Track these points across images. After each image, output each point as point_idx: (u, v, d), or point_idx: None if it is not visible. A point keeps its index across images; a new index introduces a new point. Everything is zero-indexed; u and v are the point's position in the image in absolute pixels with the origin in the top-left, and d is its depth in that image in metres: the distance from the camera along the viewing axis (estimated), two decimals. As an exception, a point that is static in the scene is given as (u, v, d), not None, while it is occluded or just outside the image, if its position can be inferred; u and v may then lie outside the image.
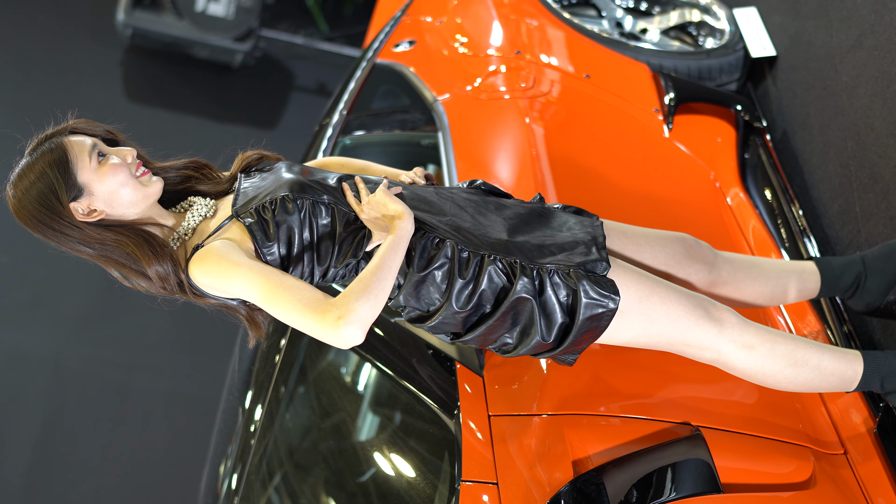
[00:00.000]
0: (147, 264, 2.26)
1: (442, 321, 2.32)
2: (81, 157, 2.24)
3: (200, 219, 2.34)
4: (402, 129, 4.01)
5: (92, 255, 2.30)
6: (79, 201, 2.24)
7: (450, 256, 2.28)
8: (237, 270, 2.17)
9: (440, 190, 2.48)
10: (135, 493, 4.73)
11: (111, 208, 2.27)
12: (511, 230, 2.39)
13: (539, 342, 2.31)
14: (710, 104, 3.78)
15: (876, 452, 2.61)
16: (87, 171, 2.24)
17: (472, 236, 2.33)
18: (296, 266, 2.27)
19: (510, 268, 2.30)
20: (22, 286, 5.37)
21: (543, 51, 3.93)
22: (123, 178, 2.25)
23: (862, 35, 3.35)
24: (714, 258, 2.70)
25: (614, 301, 2.30)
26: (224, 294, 2.26)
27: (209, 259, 2.20)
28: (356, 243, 2.29)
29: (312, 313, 2.09)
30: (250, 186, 2.35)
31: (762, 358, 2.44)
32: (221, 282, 2.19)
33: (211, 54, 6.43)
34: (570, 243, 2.39)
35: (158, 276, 2.27)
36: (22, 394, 4.98)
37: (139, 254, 2.25)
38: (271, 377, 3.28)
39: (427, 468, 2.79)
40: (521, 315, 2.31)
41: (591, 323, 2.31)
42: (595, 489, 2.36)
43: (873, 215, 3.14)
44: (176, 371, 5.14)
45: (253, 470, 3.24)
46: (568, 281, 2.30)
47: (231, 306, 2.36)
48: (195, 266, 2.23)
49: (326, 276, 2.32)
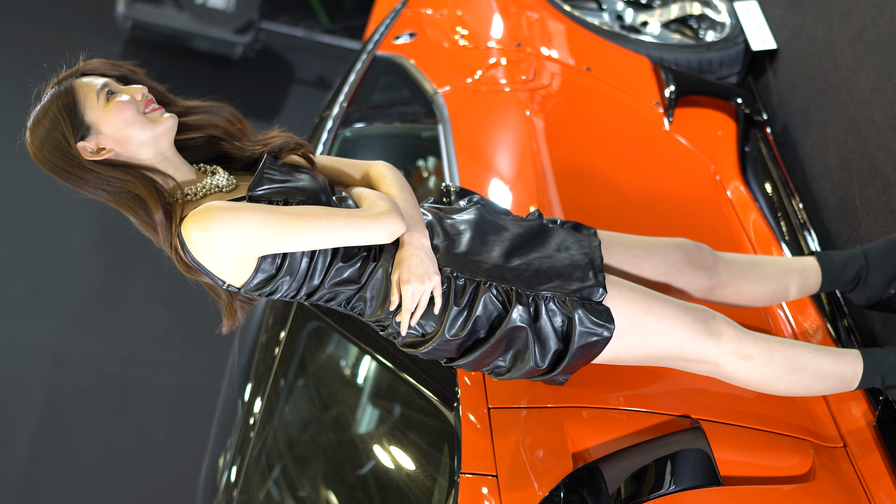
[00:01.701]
0: (154, 209, 2.19)
1: (435, 347, 2.31)
2: (89, 96, 2.21)
3: (216, 189, 2.27)
4: (402, 122, 4.00)
5: (106, 198, 2.25)
6: (87, 140, 2.19)
7: (445, 284, 2.28)
8: (250, 209, 2.11)
9: (440, 213, 2.46)
10: (134, 486, 4.73)
11: (121, 146, 2.21)
12: (508, 254, 2.38)
13: (532, 367, 2.32)
14: (711, 97, 3.77)
15: (875, 446, 2.61)
16: (94, 109, 2.20)
17: (468, 262, 2.32)
18: (287, 274, 2.20)
19: (506, 295, 2.29)
20: (21, 279, 5.36)
21: (544, 43, 3.93)
22: (130, 114, 2.20)
23: (863, 28, 3.34)
24: (714, 263, 2.69)
25: (608, 330, 2.30)
26: (228, 248, 2.12)
27: (213, 209, 2.11)
28: (360, 271, 2.27)
29: (357, 217, 2.16)
30: (273, 175, 2.27)
31: (761, 367, 2.44)
32: (229, 224, 2.09)
33: (211, 47, 6.42)
34: (568, 268, 2.38)
35: (161, 224, 2.20)
36: (21, 386, 4.98)
37: (147, 196, 2.20)
38: (271, 369, 3.27)
39: (426, 460, 2.79)
40: (515, 342, 2.31)
41: (584, 350, 2.32)
42: (594, 481, 2.36)
43: (874, 209, 3.13)
44: (175, 363, 5.13)
45: (252, 462, 3.24)
46: (563, 308, 2.30)
47: (213, 286, 2.28)
48: (193, 220, 2.12)
49: (313, 295, 2.27)
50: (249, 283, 2.20)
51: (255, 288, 2.22)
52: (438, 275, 2.24)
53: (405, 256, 2.23)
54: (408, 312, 2.22)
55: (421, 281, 2.20)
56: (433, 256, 2.26)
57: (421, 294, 2.21)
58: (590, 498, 2.34)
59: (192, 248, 2.15)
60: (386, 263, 2.26)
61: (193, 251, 2.15)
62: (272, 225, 2.12)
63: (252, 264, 2.17)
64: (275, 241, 2.13)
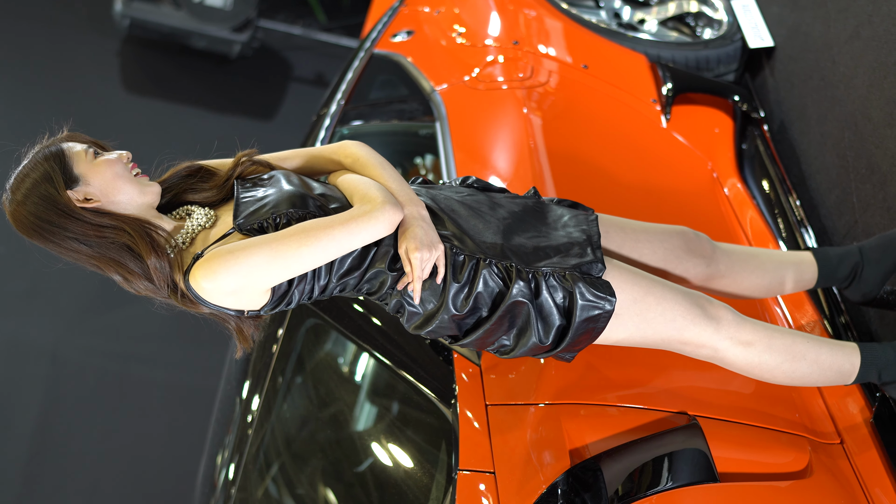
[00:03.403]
0: (146, 255, 2.22)
1: (439, 325, 2.32)
2: (77, 152, 2.23)
3: (200, 228, 2.30)
4: (399, 120, 4.00)
5: (90, 255, 2.25)
6: (75, 190, 2.21)
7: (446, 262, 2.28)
8: (251, 247, 2.13)
9: (433, 192, 2.47)
10: (132, 483, 4.73)
11: (107, 198, 2.23)
12: (506, 232, 2.39)
13: (536, 344, 2.32)
14: (708, 95, 3.77)
15: (872, 442, 2.61)
16: (83, 163, 2.22)
17: (467, 239, 2.33)
18: (299, 283, 2.23)
19: (506, 272, 2.30)
20: (20, 276, 5.37)
21: (541, 41, 3.93)
22: (120, 169, 2.23)
23: (859, 26, 3.35)
24: (712, 252, 2.70)
25: (610, 302, 2.30)
26: (240, 289, 2.16)
27: (217, 258, 2.14)
28: (360, 256, 2.28)
29: (353, 221, 2.17)
30: (251, 198, 2.30)
31: (759, 354, 2.44)
32: (236, 271, 2.12)
33: (209, 45, 6.42)
34: (565, 244, 2.39)
35: (156, 270, 2.23)
36: (20, 384, 4.98)
37: (138, 243, 2.22)
38: (269, 367, 3.28)
39: (424, 458, 2.79)
40: (517, 318, 2.32)
41: (587, 325, 2.31)
42: (592, 478, 2.37)
43: (870, 206, 3.14)
44: (173, 361, 5.14)
45: (250, 460, 3.24)
46: (564, 283, 2.30)
47: (222, 315, 2.31)
48: (200, 271, 2.15)
49: (326, 290, 2.29)
50: (266, 306, 2.23)
51: (273, 307, 2.25)
52: (442, 244, 2.26)
53: (408, 228, 2.24)
54: (419, 280, 2.24)
55: (429, 249, 2.22)
56: (433, 226, 2.28)
57: (429, 261, 2.23)
58: (587, 494, 2.34)
59: (204, 297, 2.18)
60: (387, 244, 2.28)
61: (207, 299, 2.19)
62: (276, 258, 2.14)
63: (267, 293, 2.21)
64: (282, 271, 2.16)
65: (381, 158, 2.40)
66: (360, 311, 3.04)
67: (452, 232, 2.33)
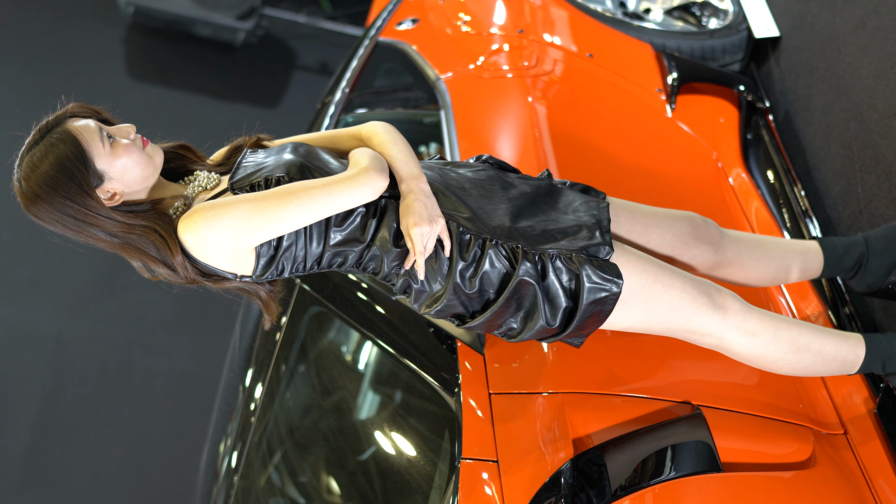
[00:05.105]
0: (175, 253, 2.22)
1: (447, 305, 2.32)
2: (94, 143, 2.20)
3: (201, 189, 2.32)
4: (404, 108, 4.00)
5: (113, 245, 2.26)
6: (101, 189, 2.21)
7: (451, 238, 2.28)
8: (232, 203, 2.15)
9: (444, 170, 2.47)
10: (135, 471, 4.74)
11: (127, 187, 2.24)
12: (515, 213, 2.39)
13: (543, 326, 2.32)
14: (713, 84, 3.77)
15: (876, 433, 2.61)
16: (102, 156, 2.20)
17: (475, 218, 2.32)
18: (287, 248, 2.24)
19: (512, 252, 2.30)
20: (23, 264, 5.37)
21: (546, 30, 3.92)
22: (137, 156, 2.22)
23: (866, 16, 3.34)
24: (720, 238, 2.70)
25: (617, 285, 2.30)
26: (223, 247, 2.18)
27: (199, 211, 2.16)
28: (360, 228, 2.28)
29: (335, 184, 2.18)
30: (251, 162, 2.33)
31: (765, 344, 2.44)
32: (215, 223, 2.14)
33: (213, 33, 6.42)
34: (574, 227, 2.39)
35: (182, 266, 2.23)
36: (23, 371, 4.99)
37: (168, 242, 2.22)
38: (272, 355, 3.28)
39: (427, 446, 2.80)
40: (524, 299, 2.31)
41: (595, 307, 2.31)
42: (596, 467, 2.37)
43: (875, 196, 3.13)
44: (176, 349, 5.14)
45: (253, 448, 3.25)
46: (570, 265, 2.30)
47: (249, 289, 2.34)
48: (183, 224, 2.18)
49: (322, 261, 2.30)
50: (256, 270, 2.24)
51: (262, 272, 2.25)
52: (443, 217, 2.26)
53: (409, 203, 2.24)
54: (421, 255, 2.24)
55: (430, 223, 2.22)
56: (435, 200, 2.28)
57: (430, 236, 2.23)
58: (590, 484, 2.34)
59: (190, 251, 2.21)
60: (390, 220, 2.28)
61: (193, 254, 2.21)
62: (256, 214, 2.15)
63: (252, 253, 2.21)
64: (262, 229, 2.17)
65: (398, 136, 2.41)
66: (364, 300, 3.04)
67: (460, 211, 2.32)
